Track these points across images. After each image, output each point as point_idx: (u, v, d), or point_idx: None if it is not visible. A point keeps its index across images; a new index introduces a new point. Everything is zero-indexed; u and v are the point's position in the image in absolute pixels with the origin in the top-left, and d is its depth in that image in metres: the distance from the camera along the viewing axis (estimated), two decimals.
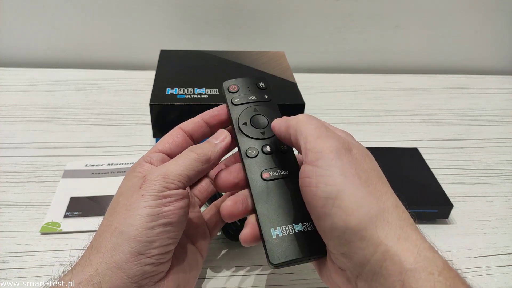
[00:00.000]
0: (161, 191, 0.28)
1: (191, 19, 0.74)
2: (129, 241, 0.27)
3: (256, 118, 0.35)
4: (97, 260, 0.27)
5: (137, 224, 0.27)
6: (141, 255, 0.27)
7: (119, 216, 0.28)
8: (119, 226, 0.27)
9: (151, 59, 0.66)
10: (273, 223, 0.30)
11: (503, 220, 0.47)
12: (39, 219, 0.43)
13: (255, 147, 0.33)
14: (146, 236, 0.27)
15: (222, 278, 0.38)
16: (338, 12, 0.74)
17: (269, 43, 0.77)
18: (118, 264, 0.26)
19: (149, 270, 0.27)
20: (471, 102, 0.71)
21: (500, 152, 0.58)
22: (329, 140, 0.28)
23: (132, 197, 0.28)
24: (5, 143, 0.53)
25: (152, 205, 0.28)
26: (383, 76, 0.77)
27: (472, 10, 0.76)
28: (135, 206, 0.28)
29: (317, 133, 0.28)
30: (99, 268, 0.26)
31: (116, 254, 0.26)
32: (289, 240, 0.29)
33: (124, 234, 0.27)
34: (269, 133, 0.34)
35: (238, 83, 0.37)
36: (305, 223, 0.30)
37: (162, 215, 0.28)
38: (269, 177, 0.32)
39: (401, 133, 0.62)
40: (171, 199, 0.28)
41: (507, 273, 0.40)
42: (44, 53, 0.75)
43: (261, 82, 0.38)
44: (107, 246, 0.27)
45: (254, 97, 0.36)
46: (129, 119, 0.60)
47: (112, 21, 0.73)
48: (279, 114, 0.36)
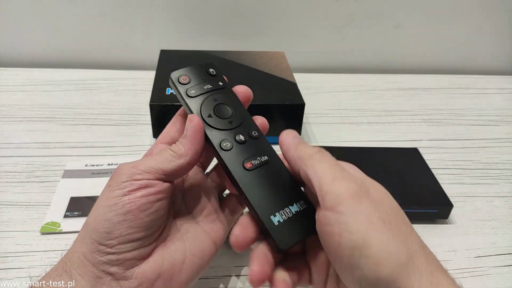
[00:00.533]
0: (124, 181, 0.28)
1: (191, 19, 0.74)
2: (90, 233, 0.28)
3: (219, 108, 0.33)
4: (71, 251, 0.29)
5: (97, 215, 0.28)
6: (101, 245, 0.27)
7: (92, 211, 0.29)
8: (88, 218, 0.29)
9: (151, 59, 0.66)
10: (271, 211, 0.30)
11: (503, 220, 0.47)
12: (39, 219, 0.43)
13: (228, 138, 0.32)
14: (104, 227, 0.27)
15: (222, 278, 0.38)
16: (338, 12, 0.74)
17: (269, 43, 0.77)
18: (84, 254, 0.28)
19: (114, 259, 0.28)
20: (471, 102, 0.71)
21: (500, 152, 0.58)
22: (346, 182, 0.26)
23: (103, 192, 0.29)
24: (5, 143, 0.53)
25: (112, 195, 0.28)
26: (383, 76, 0.77)
27: (472, 10, 0.76)
28: (101, 199, 0.28)
29: (333, 173, 0.26)
30: (72, 256, 0.28)
31: (83, 245, 0.28)
32: (290, 222, 0.29)
33: (88, 226, 0.28)
34: (237, 121, 0.33)
35: (187, 73, 0.35)
36: (298, 203, 0.30)
37: (120, 204, 0.27)
38: (252, 166, 0.31)
39: (401, 133, 0.62)
40: (132, 188, 0.28)
41: (507, 273, 0.40)
42: (44, 53, 0.75)
43: (211, 68, 0.35)
44: (78, 238, 0.29)
45: (209, 86, 0.34)
46: (129, 119, 0.60)
47: (112, 21, 0.73)
48: (239, 100, 0.34)
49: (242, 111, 0.34)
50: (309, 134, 0.60)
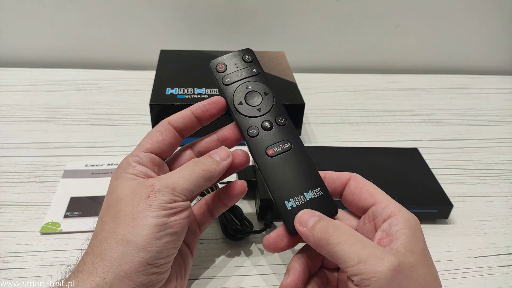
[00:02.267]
0: (169, 202, 0.28)
1: (191, 19, 0.74)
2: (138, 251, 0.27)
3: (250, 96, 0.35)
4: (103, 268, 0.26)
5: (146, 234, 0.27)
6: (149, 264, 0.27)
7: (124, 224, 0.27)
8: (126, 234, 0.27)
9: (151, 59, 0.66)
10: (285, 196, 0.31)
11: (503, 220, 0.47)
12: (39, 219, 0.43)
13: (255, 125, 0.34)
14: (155, 246, 0.27)
15: (222, 278, 0.38)
16: (338, 12, 0.74)
17: (269, 43, 0.77)
18: (127, 274, 0.26)
19: (155, 279, 0.28)
20: (471, 102, 0.71)
21: (500, 152, 0.58)
22: (373, 262, 0.25)
23: (139, 205, 0.28)
24: (5, 143, 0.53)
25: (160, 215, 0.28)
26: (383, 76, 0.77)
27: (472, 10, 0.76)
28: (142, 216, 0.27)
29: (355, 252, 0.26)
30: (106, 277, 0.26)
31: (124, 263, 0.26)
32: (303, 208, 0.31)
33: (132, 243, 0.27)
34: (265, 108, 0.35)
35: (224, 61, 0.36)
36: (314, 190, 0.32)
37: (169, 225, 0.28)
38: (274, 153, 0.33)
39: (401, 133, 0.62)
40: (177, 210, 0.29)
41: (507, 273, 0.40)
42: (44, 53, 0.75)
43: (247, 55, 0.37)
44: (113, 254, 0.27)
45: (243, 74, 0.36)
46: (129, 119, 0.60)
47: (112, 21, 0.73)
48: (270, 87, 0.36)
49: (272, 98, 0.35)
50: (309, 134, 0.60)
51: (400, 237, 0.27)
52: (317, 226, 0.28)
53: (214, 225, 0.43)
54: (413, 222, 0.28)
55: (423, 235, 0.29)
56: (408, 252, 0.26)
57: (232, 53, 0.37)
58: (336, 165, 0.50)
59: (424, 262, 0.27)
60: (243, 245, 0.42)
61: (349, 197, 0.32)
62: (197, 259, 0.40)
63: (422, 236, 0.29)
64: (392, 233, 0.28)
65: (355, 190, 0.32)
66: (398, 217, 0.28)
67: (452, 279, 0.39)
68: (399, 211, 0.29)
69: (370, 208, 0.31)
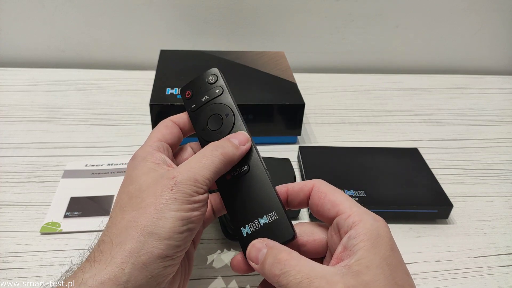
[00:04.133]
0: (192, 196, 0.28)
1: (191, 19, 0.74)
2: (159, 243, 0.27)
3: (212, 120, 0.34)
4: (122, 258, 0.26)
5: (169, 227, 0.27)
6: (168, 257, 0.27)
7: (147, 214, 0.27)
8: (149, 225, 0.27)
9: (151, 59, 0.66)
10: (241, 222, 0.31)
11: (503, 220, 0.47)
12: (39, 219, 0.43)
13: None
14: (176, 240, 0.27)
15: (222, 278, 0.38)
16: (338, 12, 0.74)
17: (269, 43, 0.77)
18: (145, 265, 0.26)
19: (169, 270, 0.28)
20: (471, 102, 0.71)
21: (500, 152, 0.58)
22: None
23: (162, 197, 0.28)
24: (5, 143, 0.53)
25: (184, 209, 0.28)
26: (383, 76, 0.77)
27: (472, 10, 0.76)
28: (166, 208, 0.27)
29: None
30: (125, 268, 0.26)
31: (144, 254, 0.26)
32: (258, 235, 0.30)
33: (154, 235, 0.27)
34: (225, 130, 0.33)
35: (190, 87, 0.36)
36: (269, 214, 0.31)
37: (191, 220, 0.28)
38: (231, 178, 0.32)
39: (401, 133, 0.62)
40: (199, 205, 0.29)
41: (507, 273, 0.40)
42: (44, 53, 0.75)
43: (211, 76, 0.35)
44: (133, 245, 0.26)
45: (206, 97, 0.35)
46: (129, 119, 0.60)
47: (112, 21, 0.73)
48: (232, 106, 0.34)
49: (232, 119, 0.34)
50: (309, 134, 0.60)
51: (357, 252, 0.26)
52: (265, 264, 0.28)
53: (214, 225, 0.43)
54: (375, 232, 0.27)
55: (388, 242, 0.27)
56: (364, 268, 0.25)
57: (198, 77, 0.36)
58: (336, 165, 0.50)
59: (385, 273, 0.25)
60: None
61: (314, 208, 0.31)
62: (197, 259, 0.40)
63: (387, 243, 0.27)
64: (350, 247, 0.26)
65: (318, 201, 0.30)
66: (358, 228, 0.27)
67: (452, 279, 0.39)
68: (361, 220, 0.27)
69: (334, 218, 0.29)
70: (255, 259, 0.29)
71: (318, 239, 0.31)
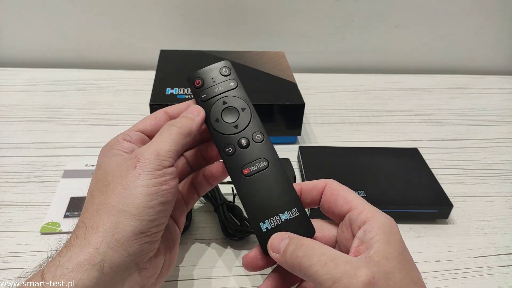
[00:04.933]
0: (157, 169, 0.28)
1: (191, 19, 0.74)
2: (130, 220, 0.27)
3: (226, 112, 0.34)
4: (96, 239, 0.26)
5: (138, 203, 0.27)
6: (142, 233, 0.27)
7: (115, 195, 0.28)
8: (118, 204, 0.27)
9: (151, 59, 0.66)
10: (261, 217, 0.31)
11: (503, 220, 0.47)
12: (39, 219, 0.43)
13: (231, 143, 0.33)
14: (147, 215, 0.27)
15: (222, 278, 0.38)
16: (338, 12, 0.74)
17: (269, 43, 0.77)
18: (119, 243, 0.26)
19: (146, 248, 0.28)
20: (471, 102, 0.71)
21: (500, 152, 0.58)
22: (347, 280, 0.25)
23: (127, 176, 0.28)
24: (5, 143, 0.53)
25: (150, 184, 0.28)
26: (383, 76, 0.77)
27: (472, 10, 0.76)
28: (132, 185, 0.28)
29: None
30: (100, 247, 0.26)
31: (117, 232, 0.26)
32: (278, 230, 0.30)
33: (125, 212, 0.27)
34: (242, 125, 0.33)
35: (201, 76, 0.35)
36: (290, 211, 0.31)
37: (160, 193, 0.28)
38: (249, 173, 0.32)
39: (401, 133, 0.62)
40: (167, 178, 0.29)
41: (507, 273, 0.40)
42: (44, 53, 0.75)
43: (224, 68, 0.35)
44: (106, 225, 0.27)
45: (220, 88, 0.35)
46: (129, 119, 0.60)
47: (112, 21, 0.73)
48: (248, 101, 0.34)
49: (249, 114, 0.34)
50: (309, 134, 0.60)
51: (374, 244, 0.27)
52: (287, 252, 0.28)
53: (214, 225, 0.43)
54: (388, 227, 0.28)
55: (400, 238, 0.28)
56: (383, 259, 0.26)
57: (209, 67, 0.36)
58: (336, 165, 0.50)
59: (401, 267, 0.26)
60: (243, 245, 0.42)
61: (325, 205, 0.32)
62: (197, 259, 0.40)
63: (400, 239, 0.28)
64: (367, 241, 0.27)
65: (331, 198, 0.31)
66: (372, 223, 0.28)
67: (452, 279, 0.39)
68: (373, 216, 0.28)
69: (346, 214, 0.30)
70: (277, 248, 0.29)
71: (327, 235, 0.32)
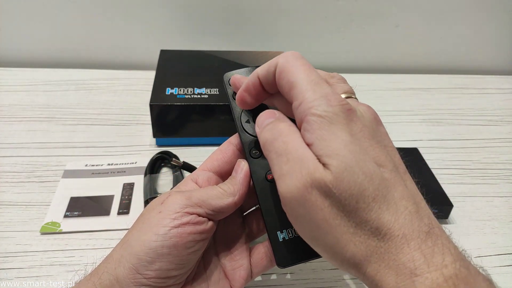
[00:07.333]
0: (177, 211, 0.27)
1: (191, 19, 0.74)
2: (131, 256, 0.26)
3: (258, 113, 0.33)
4: (102, 269, 0.26)
5: (143, 241, 0.26)
6: (138, 274, 0.25)
7: (134, 229, 0.27)
8: (131, 239, 0.27)
9: (151, 59, 0.66)
10: (279, 226, 0.29)
11: (503, 220, 0.47)
12: (39, 219, 0.43)
13: (258, 145, 0.32)
14: (147, 255, 0.25)
15: None
16: (338, 12, 0.74)
17: (269, 43, 0.77)
18: (118, 278, 0.26)
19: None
20: (471, 102, 0.71)
21: (500, 152, 0.58)
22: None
23: (151, 212, 0.27)
24: (5, 143, 0.53)
25: (163, 223, 0.26)
26: (383, 76, 0.77)
27: (472, 10, 0.76)
28: (148, 222, 0.27)
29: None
30: (102, 277, 0.26)
31: (118, 267, 0.26)
32: (295, 242, 0.29)
33: (130, 248, 0.26)
34: None
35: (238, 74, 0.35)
36: None
37: (168, 235, 0.26)
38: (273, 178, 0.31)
39: (401, 133, 0.62)
40: (183, 221, 0.26)
41: (507, 273, 0.40)
42: (44, 53, 0.75)
43: None
44: (114, 256, 0.26)
45: None
46: (129, 119, 0.60)
47: (112, 21, 0.73)
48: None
49: None
50: None
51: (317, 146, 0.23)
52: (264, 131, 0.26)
53: None
54: (325, 121, 0.23)
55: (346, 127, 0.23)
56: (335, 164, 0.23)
57: (247, 68, 0.35)
58: None
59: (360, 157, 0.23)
60: None
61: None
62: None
63: (343, 128, 0.23)
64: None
65: (279, 82, 0.26)
66: (309, 121, 0.23)
67: None
68: (310, 108, 0.23)
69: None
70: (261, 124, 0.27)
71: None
